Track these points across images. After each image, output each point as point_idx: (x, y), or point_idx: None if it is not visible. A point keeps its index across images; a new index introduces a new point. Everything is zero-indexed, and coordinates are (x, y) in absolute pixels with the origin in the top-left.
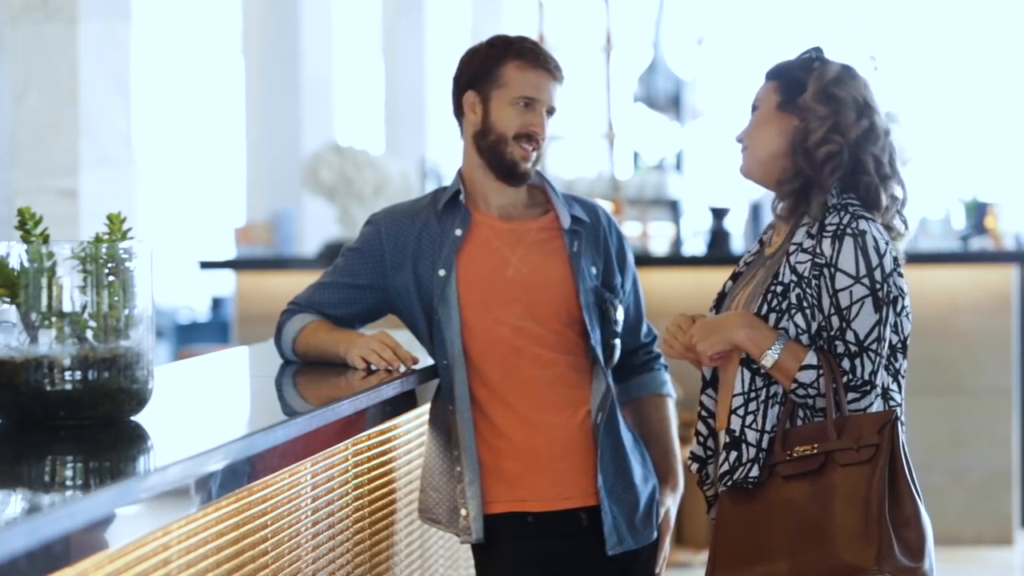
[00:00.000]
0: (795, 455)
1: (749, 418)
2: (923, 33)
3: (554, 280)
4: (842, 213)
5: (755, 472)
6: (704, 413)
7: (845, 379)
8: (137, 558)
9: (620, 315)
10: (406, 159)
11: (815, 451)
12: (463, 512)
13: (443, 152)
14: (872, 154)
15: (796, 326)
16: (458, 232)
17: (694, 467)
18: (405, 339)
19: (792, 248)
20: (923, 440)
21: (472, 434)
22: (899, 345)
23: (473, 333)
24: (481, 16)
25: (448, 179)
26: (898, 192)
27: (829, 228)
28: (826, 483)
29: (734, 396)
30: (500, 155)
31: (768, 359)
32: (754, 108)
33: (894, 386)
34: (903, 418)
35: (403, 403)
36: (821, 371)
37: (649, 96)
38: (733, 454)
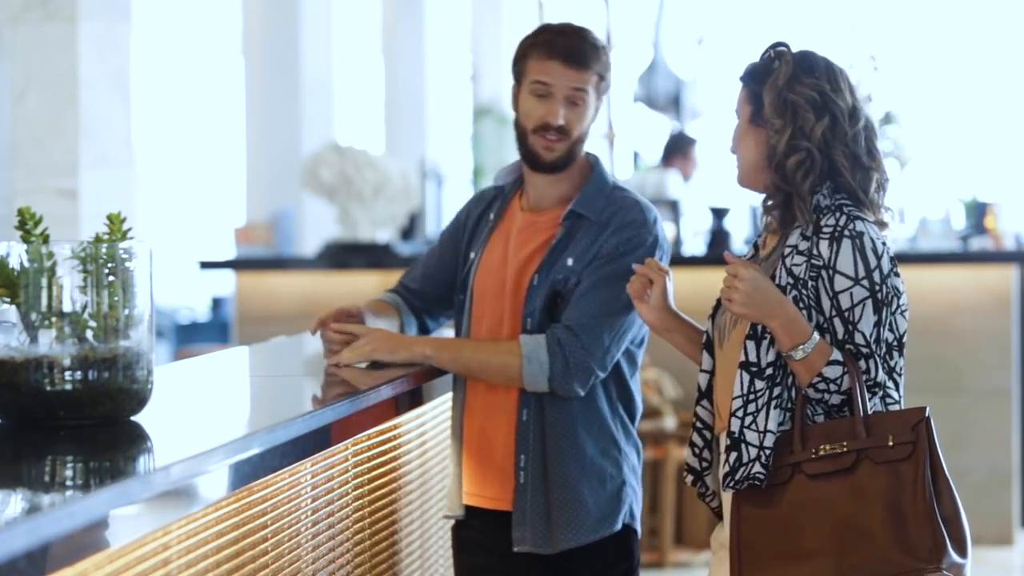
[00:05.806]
0: (821, 453)
1: (748, 419)
2: (923, 33)
3: (526, 271)
4: (837, 215)
5: (758, 469)
6: (700, 424)
7: (865, 378)
8: (137, 558)
9: None
10: (406, 159)
11: (846, 449)
12: (451, 488)
13: (443, 152)
14: (843, 151)
15: None
16: (491, 217)
17: (689, 479)
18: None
19: (787, 251)
20: None
21: (460, 414)
22: (895, 343)
23: (474, 319)
24: (481, 16)
25: (448, 179)
26: (879, 179)
27: (826, 230)
28: (861, 481)
29: (734, 399)
30: (525, 147)
31: (799, 352)
32: (737, 115)
33: (891, 384)
34: None
35: (404, 403)
36: (846, 368)
37: (649, 96)
38: (733, 455)
